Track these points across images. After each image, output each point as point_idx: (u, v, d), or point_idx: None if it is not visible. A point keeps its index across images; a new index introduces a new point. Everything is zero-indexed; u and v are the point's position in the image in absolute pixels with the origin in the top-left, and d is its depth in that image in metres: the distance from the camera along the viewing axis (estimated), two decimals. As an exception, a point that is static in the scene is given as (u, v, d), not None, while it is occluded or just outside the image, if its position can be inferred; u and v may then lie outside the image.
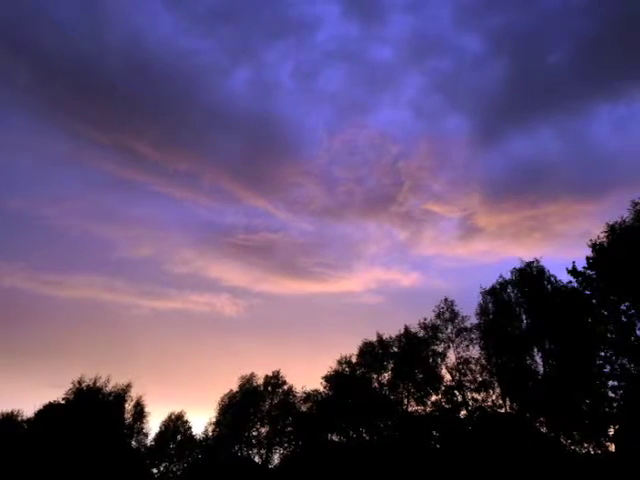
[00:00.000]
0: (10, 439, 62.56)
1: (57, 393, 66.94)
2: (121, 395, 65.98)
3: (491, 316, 45.96)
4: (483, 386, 45.94)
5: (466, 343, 48.16)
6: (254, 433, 61.70)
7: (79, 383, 64.18)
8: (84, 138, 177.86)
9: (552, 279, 43.73)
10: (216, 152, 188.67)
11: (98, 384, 64.96)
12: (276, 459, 60.43)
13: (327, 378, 56.31)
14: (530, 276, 44.68)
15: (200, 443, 66.83)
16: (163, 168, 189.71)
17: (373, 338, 55.59)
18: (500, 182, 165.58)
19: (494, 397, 45.33)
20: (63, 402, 63.67)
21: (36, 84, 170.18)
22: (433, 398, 48.99)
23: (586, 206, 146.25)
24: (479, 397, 46.08)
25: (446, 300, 50.72)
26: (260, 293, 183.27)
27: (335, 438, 54.13)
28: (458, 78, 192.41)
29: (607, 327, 34.85)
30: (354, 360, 56.14)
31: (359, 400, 51.65)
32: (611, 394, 34.82)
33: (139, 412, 67.38)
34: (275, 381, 63.85)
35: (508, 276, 46.11)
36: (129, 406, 66.71)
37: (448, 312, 50.23)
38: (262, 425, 61.90)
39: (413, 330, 52.30)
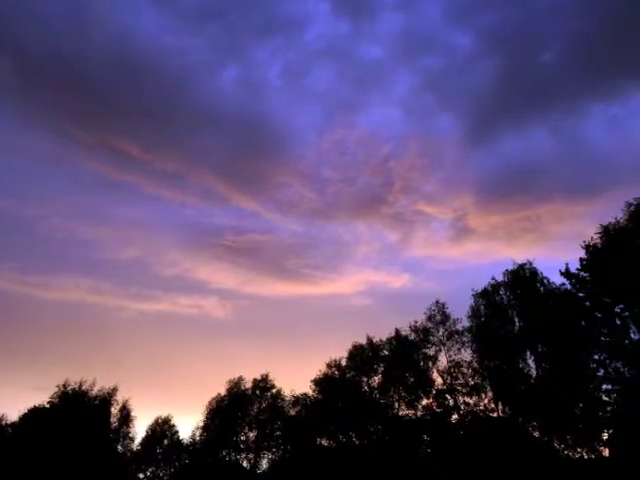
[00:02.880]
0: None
1: (42, 396, 65.87)
2: (107, 399, 65.42)
3: (483, 318, 45.64)
4: (475, 389, 45.61)
5: (458, 346, 47.87)
6: (242, 437, 60.98)
7: (64, 387, 63.77)
8: (70, 138, 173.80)
9: (545, 281, 43.56)
10: (204, 152, 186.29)
11: (84, 388, 64.59)
12: (264, 464, 59.96)
13: (316, 381, 55.83)
14: (523, 278, 44.43)
15: (187, 448, 66.17)
16: (150, 168, 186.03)
17: (363, 341, 55.27)
18: (492, 182, 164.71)
19: (486, 401, 45.09)
20: (48, 406, 63.02)
21: (21, 83, 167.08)
22: (424, 402, 48.68)
23: (580, 207, 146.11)
24: (471, 401, 45.73)
25: (437, 302, 50.45)
26: (248, 295, 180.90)
27: (324, 442, 53.80)
28: (449, 77, 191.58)
29: (601, 330, 34.56)
30: (344, 363, 55.68)
31: (349, 404, 51.12)
32: (605, 398, 34.51)
33: (125, 416, 66.68)
34: (264, 384, 63.09)
35: (500, 278, 45.97)
36: (115, 410, 66.12)
37: (439, 314, 49.89)
38: (250, 429, 61.15)
39: (404, 333, 51.97)
